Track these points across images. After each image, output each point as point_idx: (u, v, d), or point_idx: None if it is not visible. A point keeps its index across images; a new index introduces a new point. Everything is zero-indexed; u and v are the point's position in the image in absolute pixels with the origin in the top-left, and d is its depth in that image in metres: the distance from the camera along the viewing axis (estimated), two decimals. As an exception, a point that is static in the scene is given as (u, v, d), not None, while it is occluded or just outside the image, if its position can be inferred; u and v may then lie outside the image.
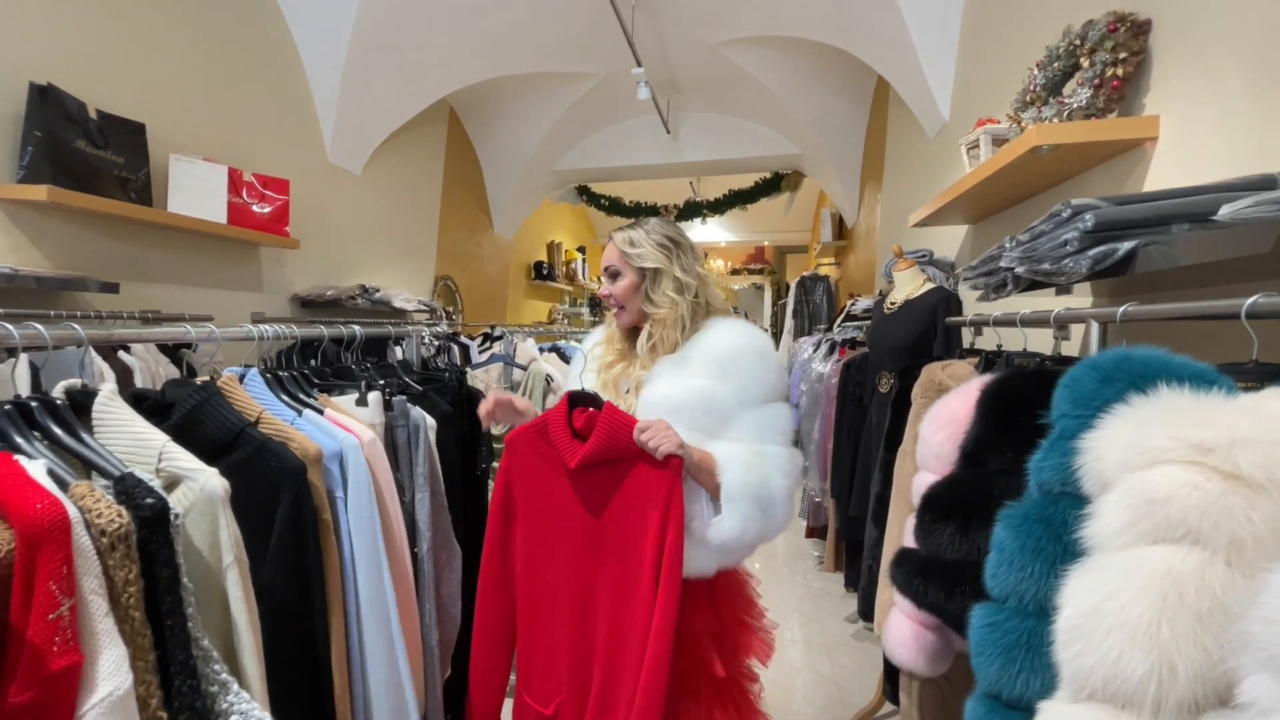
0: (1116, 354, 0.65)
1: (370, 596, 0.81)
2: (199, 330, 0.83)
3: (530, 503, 1.02)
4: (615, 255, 1.13)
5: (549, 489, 1.01)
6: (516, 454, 1.03)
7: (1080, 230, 0.87)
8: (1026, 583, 0.63)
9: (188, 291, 2.26)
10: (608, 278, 1.14)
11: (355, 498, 0.81)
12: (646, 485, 0.95)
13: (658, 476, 0.95)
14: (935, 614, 0.83)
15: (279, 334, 0.92)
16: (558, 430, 1.00)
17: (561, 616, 1.00)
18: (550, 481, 1.01)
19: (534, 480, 1.02)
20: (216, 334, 0.84)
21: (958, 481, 0.85)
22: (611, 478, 0.98)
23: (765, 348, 1.05)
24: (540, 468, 1.01)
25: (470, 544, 1.40)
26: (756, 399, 1.01)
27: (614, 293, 1.13)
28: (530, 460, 1.02)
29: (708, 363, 1.02)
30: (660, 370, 1.05)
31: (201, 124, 2.30)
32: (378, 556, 0.82)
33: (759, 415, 1.01)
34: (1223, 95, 0.99)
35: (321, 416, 0.85)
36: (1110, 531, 0.50)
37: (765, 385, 1.02)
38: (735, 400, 1.00)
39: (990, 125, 1.51)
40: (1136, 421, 0.53)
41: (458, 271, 4.39)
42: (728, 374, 1.01)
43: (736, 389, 1.00)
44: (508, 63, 3.54)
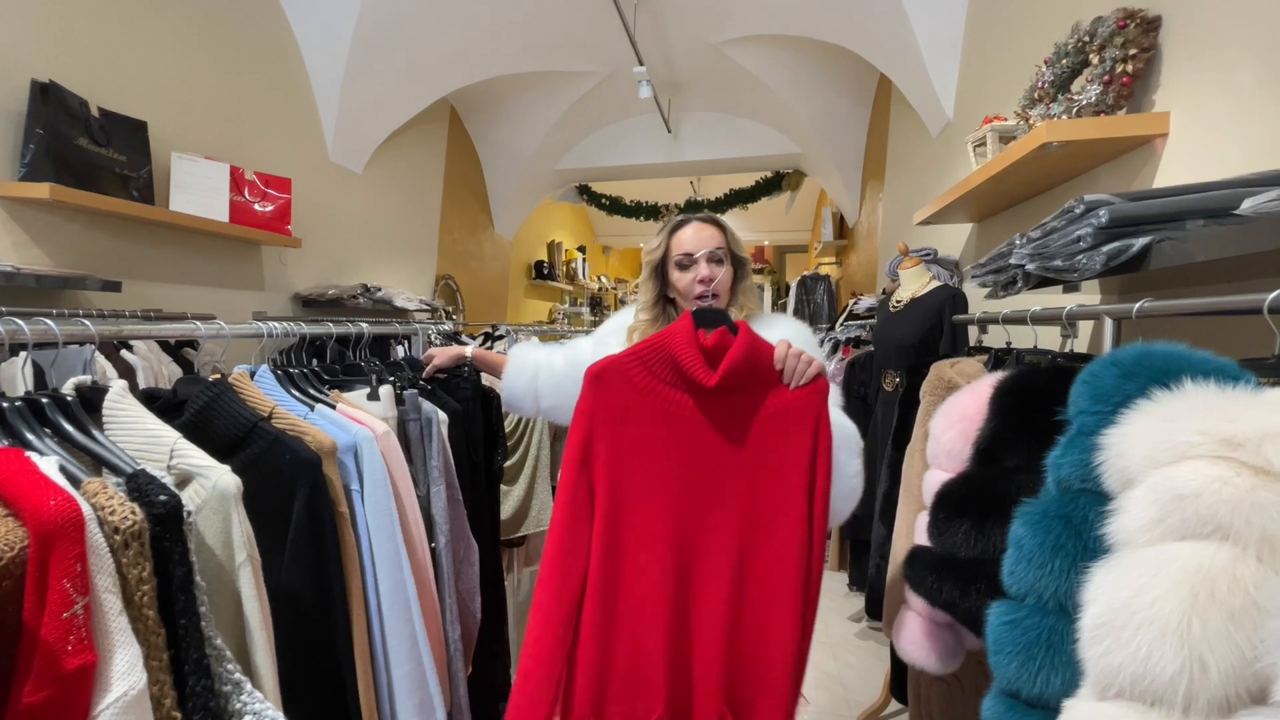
0: (1137, 349, 0.65)
1: (391, 590, 0.80)
2: (209, 326, 0.82)
3: (622, 455, 0.82)
4: (720, 239, 1.09)
5: (653, 432, 0.82)
6: (604, 392, 0.82)
7: (1094, 226, 0.86)
8: (1046, 580, 0.63)
9: (189, 290, 2.26)
10: (711, 263, 1.07)
11: (371, 490, 0.80)
12: (791, 413, 0.81)
13: (805, 401, 0.81)
14: (949, 612, 0.83)
15: (288, 331, 0.92)
16: (682, 348, 0.81)
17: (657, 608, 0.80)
18: (657, 421, 0.82)
19: (630, 423, 0.82)
20: (226, 330, 0.83)
21: (972, 478, 0.84)
22: (747, 408, 0.82)
23: (811, 338, 1.09)
24: (641, 405, 0.82)
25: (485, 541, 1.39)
26: None
27: (719, 277, 1.07)
28: (623, 398, 0.82)
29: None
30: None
31: (203, 122, 2.29)
32: (397, 550, 0.81)
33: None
34: (1235, 91, 0.99)
35: (334, 411, 0.85)
36: (1136, 527, 0.49)
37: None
38: None
39: (998, 122, 1.50)
40: (1162, 417, 0.52)
41: (458, 271, 4.38)
42: None
43: None
44: (509, 62, 3.53)
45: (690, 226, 1.12)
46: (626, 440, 0.83)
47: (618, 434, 0.83)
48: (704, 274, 1.08)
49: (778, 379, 0.84)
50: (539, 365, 1.27)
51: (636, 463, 0.83)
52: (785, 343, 0.85)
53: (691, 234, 1.11)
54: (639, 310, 1.17)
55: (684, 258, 1.10)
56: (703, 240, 1.10)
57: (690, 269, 1.10)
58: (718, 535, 0.82)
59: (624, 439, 0.83)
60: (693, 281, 1.09)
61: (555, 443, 1.99)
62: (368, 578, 0.78)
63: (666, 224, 1.15)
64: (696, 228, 1.11)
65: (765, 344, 0.84)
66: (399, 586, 0.80)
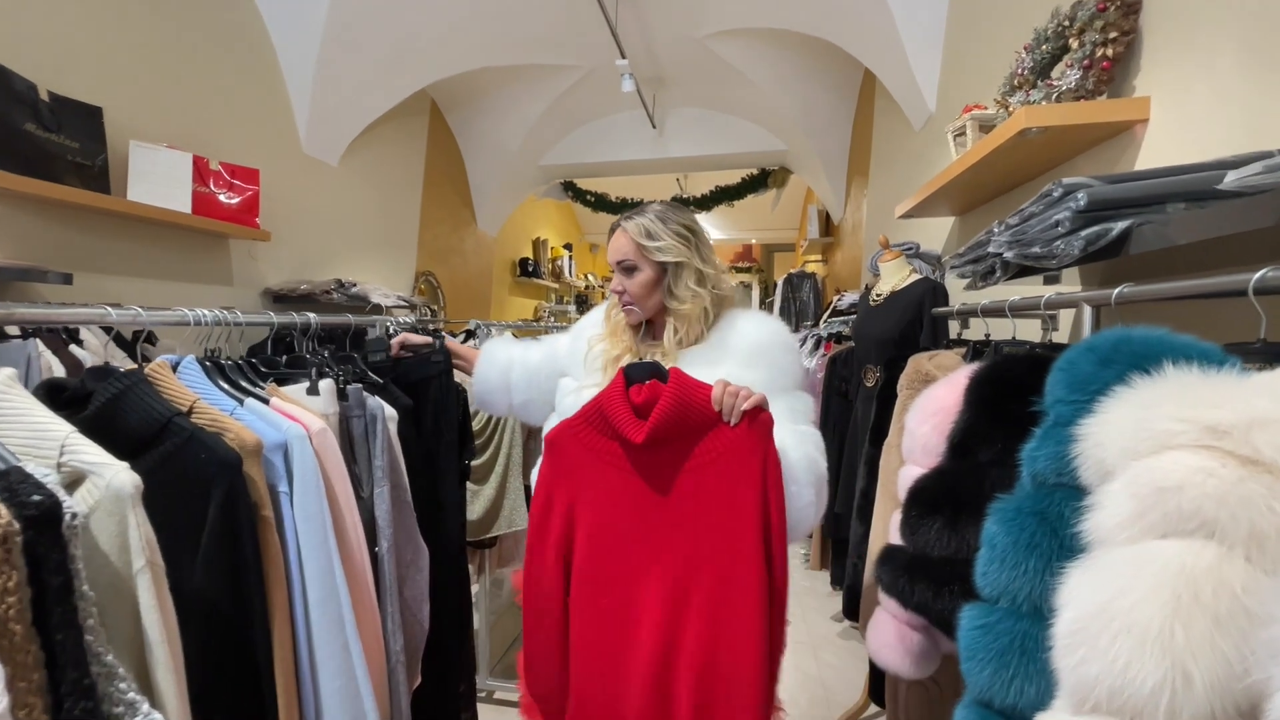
0: (1115, 334, 0.61)
1: (321, 599, 0.74)
2: (121, 313, 0.76)
3: (582, 511, 0.87)
4: (629, 248, 1.05)
5: (604, 488, 0.86)
6: (559, 455, 0.88)
7: (1072, 210, 0.83)
8: (1020, 581, 0.59)
9: (150, 284, 2.17)
10: (621, 272, 1.06)
11: (302, 492, 0.74)
12: (734, 454, 0.82)
13: (746, 439, 0.82)
14: (922, 614, 0.79)
15: (219, 320, 0.85)
16: (614, 408, 0.85)
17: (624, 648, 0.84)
18: (606, 477, 0.86)
19: (583, 483, 0.87)
20: (143, 316, 0.77)
21: (945, 474, 0.80)
22: (685, 455, 0.84)
23: (790, 339, 1.04)
24: (591, 464, 0.87)
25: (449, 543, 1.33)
26: (784, 388, 0.98)
27: (629, 289, 1.05)
28: (575, 458, 0.88)
29: (737, 353, 1.00)
30: (687, 363, 1.00)
31: (164, 110, 2.21)
32: (329, 555, 0.75)
33: (789, 400, 0.98)
34: (1215, 75, 0.96)
35: (266, 406, 0.79)
36: (1114, 524, 0.45)
37: (792, 375, 1.01)
38: (765, 389, 0.94)
39: (977, 111, 1.47)
40: (1141, 404, 0.48)
41: (439, 267, 4.30)
42: (757, 364, 0.98)
43: (766, 379, 0.96)
44: (490, 53, 3.47)
45: (612, 237, 1.09)
46: (583, 497, 0.88)
47: (575, 492, 0.88)
48: (614, 287, 1.08)
49: (718, 419, 0.84)
50: (512, 360, 1.22)
51: (601, 518, 0.87)
52: (722, 382, 0.85)
53: (610, 244, 1.09)
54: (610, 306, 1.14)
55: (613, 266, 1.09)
56: (613, 252, 1.08)
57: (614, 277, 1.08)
58: (670, 585, 0.84)
59: (581, 496, 0.88)
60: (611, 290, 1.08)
61: (529, 440, 1.93)
62: (294, 586, 0.73)
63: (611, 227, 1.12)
64: (614, 238, 1.08)
65: (699, 388, 0.84)
66: (330, 596, 0.75)
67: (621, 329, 1.11)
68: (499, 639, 2.41)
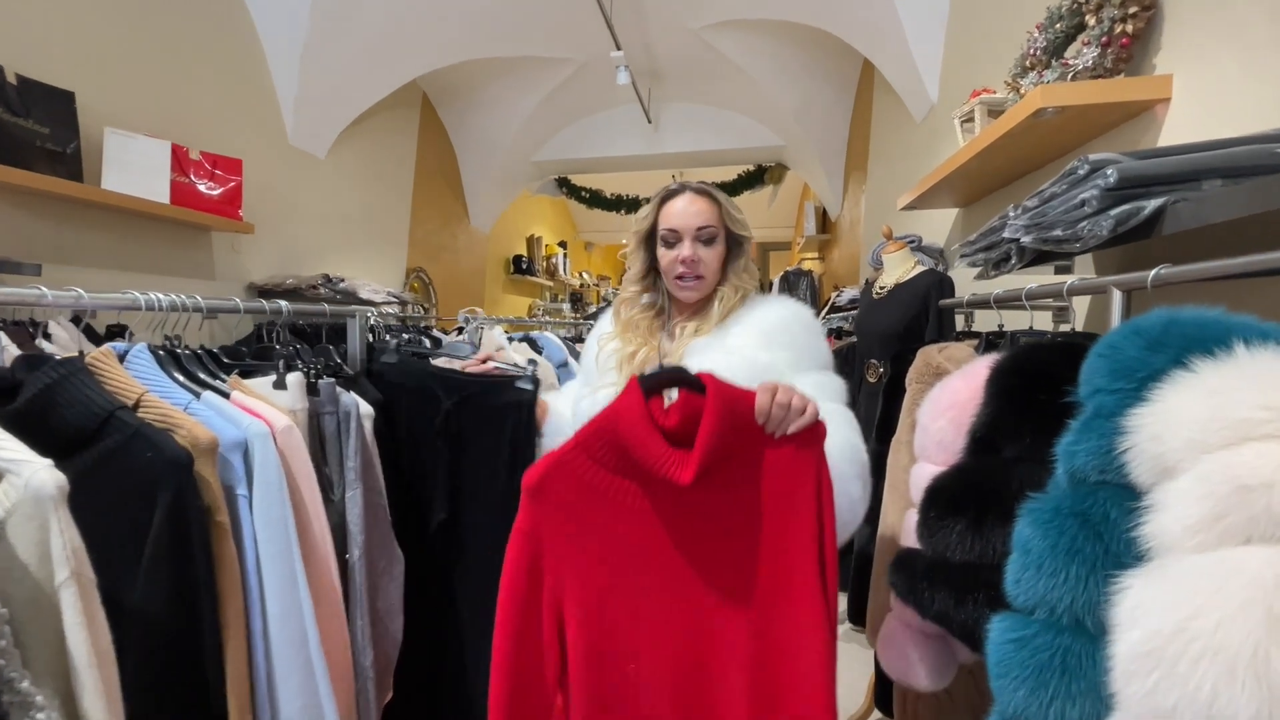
0: (1162, 315, 0.55)
1: (282, 613, 0.68)
2: (59, 294, 0.68)
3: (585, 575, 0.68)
4: (714, 214, 0.96)
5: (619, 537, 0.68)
6: (549, 504, 0.68)
7: (1101, 188, 0.77)
8: (1060, 590, 0.52)
9: (127, 277, 2.09)
10: (696, 240, 0.95)
11: (263, 495, 0.68)
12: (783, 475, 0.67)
13: (797, 457, 0.67)
14: (941, 624, 0.73)
15: (174, 304, 0.78)
16: (636, 433, 0.66)
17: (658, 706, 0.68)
18: (620, 524, 0.68)
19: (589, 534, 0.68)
20: (86, 299, 0.69)
21: (967, 470, 0.74)
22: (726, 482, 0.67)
23: (812, 319, 0.98)
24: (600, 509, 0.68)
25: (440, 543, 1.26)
26: (807, 369, 0.91)
27: (705, 259, 0.95)
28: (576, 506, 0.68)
29: (755, 335, 0.93)
30: (701, 348, 0.94)
31: (141, 96, 2.13)
32: (291, 565, 0.69)
33: (816, 377, 0.89)
34: (1246, 48, 0.90)
35: (225, 400, 0.72)
36: (1183, 528, 0.39)
37: (815, 355, 0.94)
38: (789, 367, 0.88)
39: (986, 95, 1.42)
40: (1209, 390, 0.42)
41: (431, 264, 4.23)
42: (775, 344, 0.92)
43: (789, 358, 0.90)
44: (482, 45, 3.39)
45: (681, 198, 1.00)
46: (589, 559, 0.68)
47: (575, 553, 0.68)
48: (685, 254, 0.96)
49: (761, 431, 0.69)
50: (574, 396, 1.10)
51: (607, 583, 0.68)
52: (768, 389, 0.68)
53: (681, 207, 0.99)
54: (627, 282, 1.06)
55: (669, 233, 0.99)
56: (691, 215, 0.97)
57: (675, 246, 0.98)
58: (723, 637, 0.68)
59: (585, 557, 0.68)
60: (674, 261, 0.98)
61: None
62: (252, 598, 0.66)
63: (659, 193, 1.03)
64: (687, 200, 0.99)
65: (743, 398, 0.68)
66: (292, 609, 0.68)
67: (634, 324, 1.02)
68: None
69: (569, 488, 0.69)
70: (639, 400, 0.67)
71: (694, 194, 0.99)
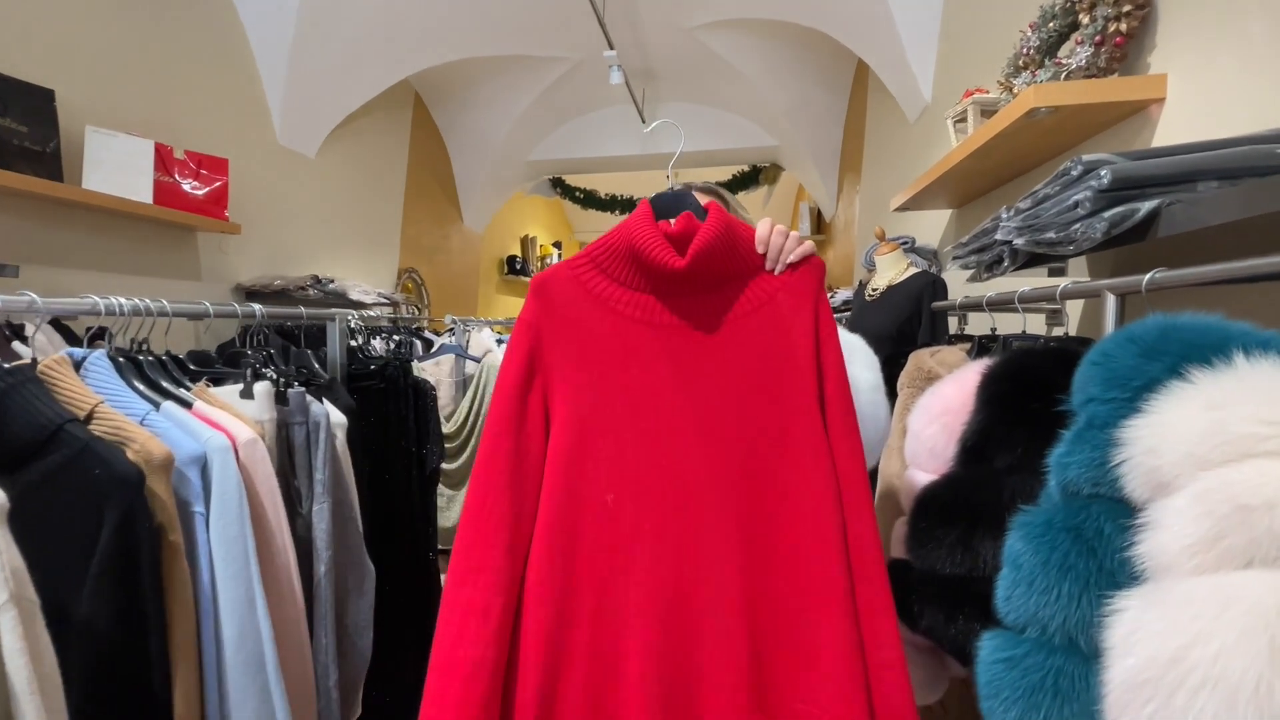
0: (1158, 322, 0.53)
1: (238, 635, 0.65)
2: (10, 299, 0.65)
3: (578, 376, 0.67)
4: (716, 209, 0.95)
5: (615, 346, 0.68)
6: (550, 301, 0.69)
7: (1094, 189, 0.75)
8: (1052, 608, 0.50)
9: (109, 278, 2.05)
10: None
11: (221, 513, 0.65)
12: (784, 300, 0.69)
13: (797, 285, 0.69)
14: (931, 639, 0.71)
15: (137, 309, 0.75)
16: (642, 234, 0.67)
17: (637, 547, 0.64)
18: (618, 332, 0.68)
19: (586, 338, 0.68)
20: (39, 303, 0.66)
21: (958, 481, 0.72)
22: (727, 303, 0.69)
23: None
24: (598, 316, 0.68)
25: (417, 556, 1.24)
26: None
27: None
28: (576, 308, 0.69)
29: None
30: None
31: (123, 94, 2.09)
32: (249, 585, 0.66)
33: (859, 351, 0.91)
34: (1244, 44, 0.89)
35: (187, 411, 0.69)
36: (1180, 548, 0.37)
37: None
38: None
39: (979, 95, 1.40)
40: (1207, 403, 0.40)
41: (424, 264, 4.19)
42: None
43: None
44: (474, 43, 3.37)
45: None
46: (583, 357, 0.68)
47: (570, 350, 0.69)
48: None
49: (760, 265, 0.72)
50: None
51: (595, 385, 0.68)
52: (768, 221, 0.74)
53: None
54: None
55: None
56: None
57: None
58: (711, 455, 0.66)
59: (579, 355, 0.68)
60: None
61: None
62: (205, 621, 0.63)
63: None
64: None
65: (744, 226, 0.73)
66: (250, 632, 0.65)
67: None
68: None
69: (572, 292, 0.71)
70: (648, 211, 0.72)
71: (700, 194, 0.95)
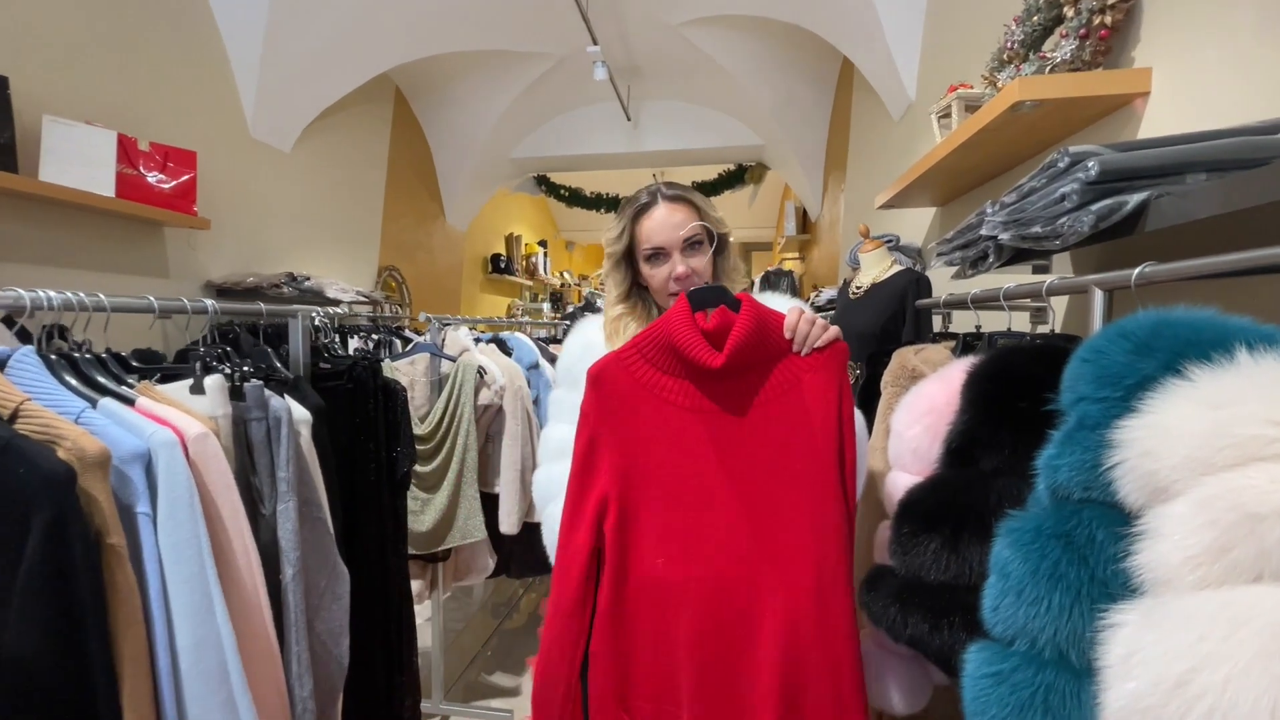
0: (1151, 317, 0.50)
1: (195, 644, 0.60)
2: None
3: (630, 455, 0.79)
4: (694, 218, 0.92)
5: (661, 426, 0.79)
6: (605, 392, 0.80)
7: (1082, 181, 0.73)
8: (1042, 620, 0.47)
9: (70, 274, 1.97)
10: (687, 250, 0.92)
11: (170, 513, 0.60)
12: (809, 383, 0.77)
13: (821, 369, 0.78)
14: (916, 648, 0.68)
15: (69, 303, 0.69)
16: (682, 332, 0.77)
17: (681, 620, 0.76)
18: (664, 415, 0.79)
19: (636, 421, 0.79)
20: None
21: (943, 484, 0.70)
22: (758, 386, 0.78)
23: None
24: (645, 401, 0.79)
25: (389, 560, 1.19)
26: None
27: (698, 269, 0.92)
28: (626, 395, 0.79)
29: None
30: None
31: (83, 82, 2.01)
32: (206, 589, 0.61)
33: None
34: (1231, 36, 0.87)
35: (128, 408, 0.64)
36: (1182, 560, 0.34)
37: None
38: None
39: (963, 90, 1.38)
40: (1208, 402, 0.37)
41: (405, 262, 4.12)
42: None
43: None
44: (455, 38, 3.31)
45: (657, 210, 0.93)
46: (633, 439, 0.80)
47: (623, 434, 0.80)
48: (679, 271, 0.92)
49: (788, 348, 0.80)
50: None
51: (645, 462, 0.80)
52: (797, 308, 0.81)
53: (660, 219, 0.93)
54: (610, 305, 1.00)
55: (654, 251, 0.93)
56: (673, 227, 0.92)
57: (663, 263, 0.93)
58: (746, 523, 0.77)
59: (630, 438, 0.80)
60: (668, 279, 0.93)
61: (488, 443, 1.80)
62: (156, 631, 0.58)
63: (627, 206, 0.97)
64: (665, 211, 0.93)
65: (773, 314, 0.80)
66: (208, 640, 0.60)
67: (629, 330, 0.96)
68: (456, 658, 2.26)
69: (624, 380, 0.80)
70: (686, 308, 0.80)
71: (670, 204, 0.93)
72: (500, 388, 1.73)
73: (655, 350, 0.80)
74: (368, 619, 1.08)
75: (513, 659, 2.33)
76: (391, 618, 1.16)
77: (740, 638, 0.74)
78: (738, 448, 0.78)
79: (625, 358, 0.81)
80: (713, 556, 0.76)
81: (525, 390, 1.82)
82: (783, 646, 0.72)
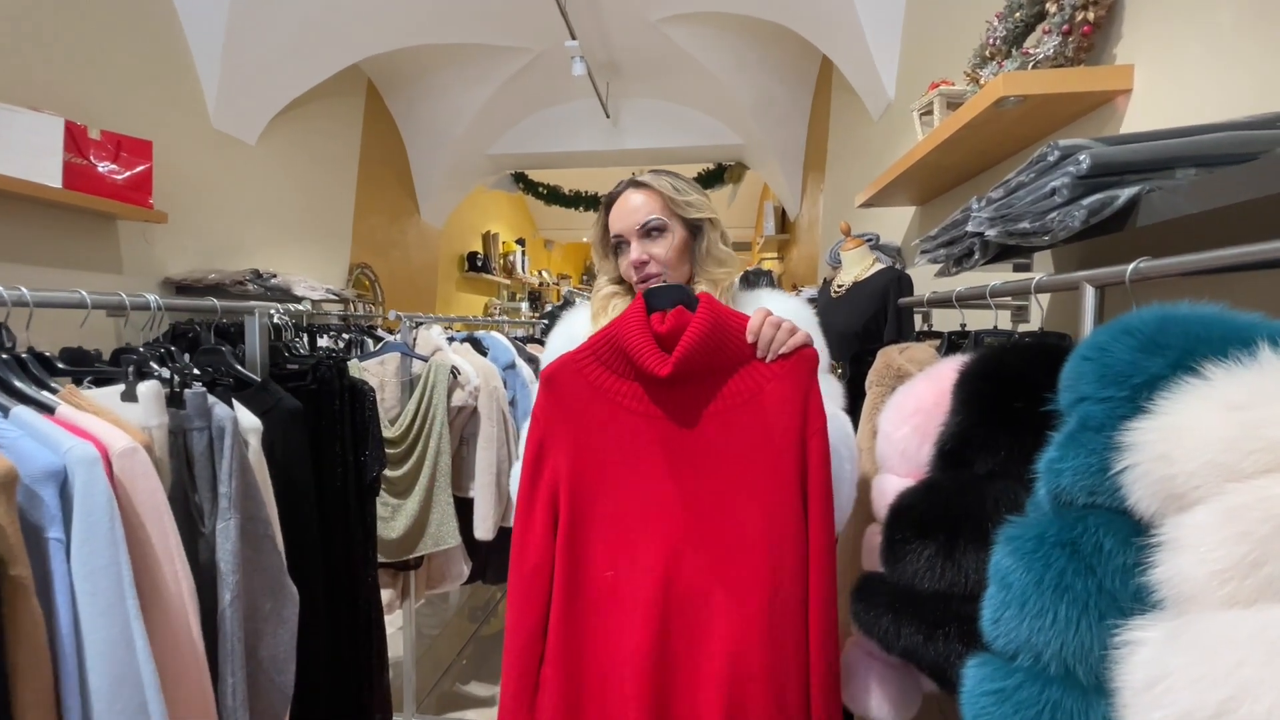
0: (1155, 313, 0.48)
1: (112, 684, 0.54)
2: None
3: (582, 461, 0.75)
4: (656, 204, 0.88)
5: (613, 433, 0.74)
6: (558, 393, 0.76)
7: (1073, 175, 0.71)
8: (1047, 634, 0.45)
9: (13, 270, 1.85)
10: (643, 237, 0.88)
11: (85, 538, 0.54)
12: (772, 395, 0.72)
13: (786, 379, 0.72)
14: (909, 660, 0.65)
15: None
16: (632, 336, 0.73)
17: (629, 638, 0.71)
18: (615, 421, 0.74)
19: (588, 425, 0.75)
20: None
21: (936, 488, 0.67)
22: (714, 395, 0.73)
23: (815, 319, 0.92)
24: (599, 405, 0.75)
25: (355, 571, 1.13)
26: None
27: (656, 255, 0.87)
28: (580, 398, 0.75)
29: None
30: None
31: (26, 67, 1.89)
32: (125, 623, 0.55)
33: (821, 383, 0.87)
34: (1214, 34, 0.87)
35: (44, 418, 0.58)
36: (1208, 574, 0.32)
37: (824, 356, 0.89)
38: None
39: (945, 86, 1.37)
40: (1229, 402, 0.35)
41: (378, 260, 4.01)
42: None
43: None
44: (428, 29, 3.22)
45: (620, 199, 0.92)
46: (586, 445, 0.76)
47: (576, 438, 0.76)
48: (635, 257, 0.89)
49: (753, 354, 0.74)
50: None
51: (597, 469, 0.76)
52: (763, 311, 0.75)
53: (619, 208, 0.91)
54: (601, 285, 0.98)
55: (617, 239, 0.91)
56: (628, 214, 0.90)
57: (626, 251, 0.90)
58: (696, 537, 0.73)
59: (583, 443, 0.76)
60: (628, 267, 0.90)
61: (463, 446, 1.74)
62: (65, 671, 0.52)
63: (605, 197, 0.96)
64: (624, 199, 0.91)
65: (736, 317, 0.75)
66: (128, 678, 0.54)
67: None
68: (430, 668, 2.19)
69: (576, 383, 0.76)
70: (642, 308, 0.76)
71: (631, 190, 0.91)
72: (474, 388, 1.68)
73: (609, 352, 0.76)
74: (333, 636, 1.02)
75: (489, 666, 2.26)
76: (360, 634, 1.10)
77: (687, 654, 0.71)
78: (692, 458, 0.74)
79: (580, 359, 0.77)
80: (661, 570, 0.72)
81: (501, 391, 1.77)
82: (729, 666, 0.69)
